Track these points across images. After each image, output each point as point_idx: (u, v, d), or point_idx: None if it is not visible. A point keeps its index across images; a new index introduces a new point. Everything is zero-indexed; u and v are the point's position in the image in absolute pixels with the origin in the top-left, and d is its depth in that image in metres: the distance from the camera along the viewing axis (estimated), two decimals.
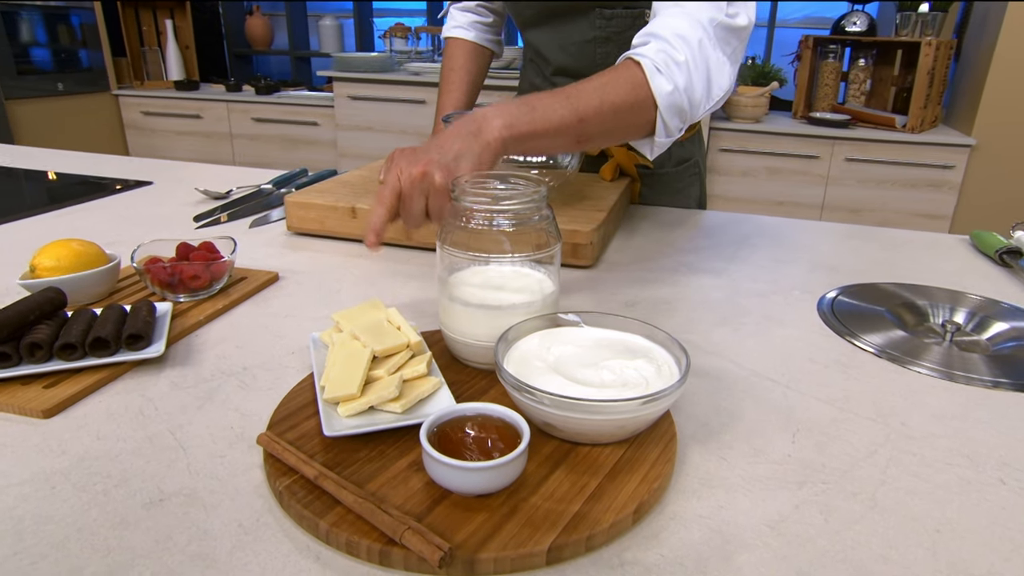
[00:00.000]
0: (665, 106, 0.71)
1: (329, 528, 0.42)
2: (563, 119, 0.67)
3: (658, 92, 0.71)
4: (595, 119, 0.69)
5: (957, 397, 0.61)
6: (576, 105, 0.68)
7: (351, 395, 0.50)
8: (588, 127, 0.69)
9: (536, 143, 0.68)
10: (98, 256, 0.75)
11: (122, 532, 0.43)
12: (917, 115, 2.37)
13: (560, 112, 0.67)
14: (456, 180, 0.58)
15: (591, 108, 0.68)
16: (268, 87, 3.48)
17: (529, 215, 0.56)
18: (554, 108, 0.67)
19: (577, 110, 0.68)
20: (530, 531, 0.41)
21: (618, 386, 0.49)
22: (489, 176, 0.61)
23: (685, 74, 0.71)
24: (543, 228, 0.57)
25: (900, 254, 0.98)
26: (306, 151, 3.30)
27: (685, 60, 0.71)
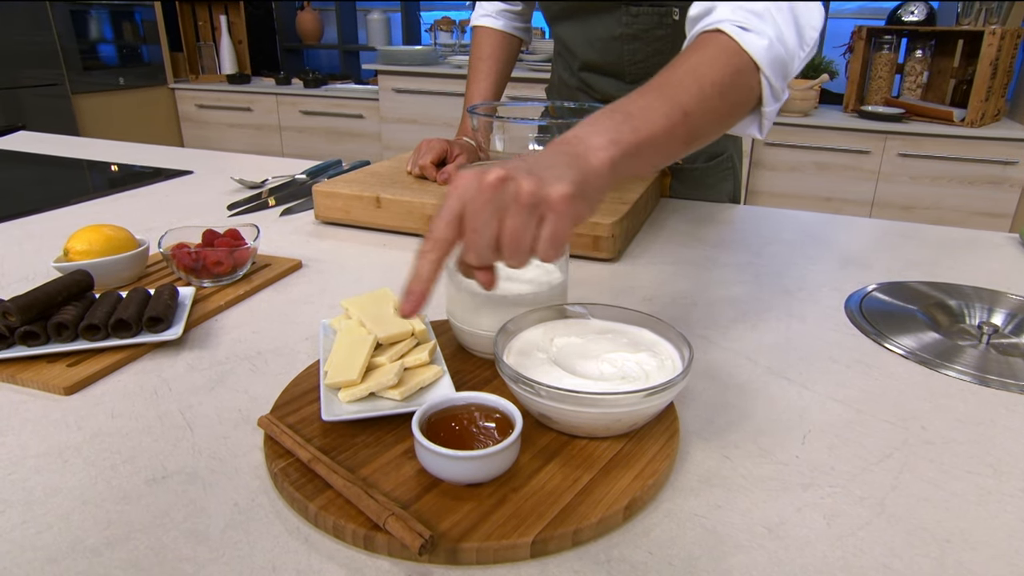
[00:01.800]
0: (767, 63, 0.59)
1: (318, 511, 0.42)
2: (667, 118, 0.53)
3: (755, 51, 0.58)
4: (700, 108, 0.56)
5: (987, 402, 0.58)
6: (675, 97, 0.55)
7: (352, 381, 0.51)
8: (695, 120, 0.55)
9: (646, 156, 0.53)
10: (128, 241, 0.77)
11: (123, 506, 0.44)
12: (977, 108, 2.25)
13: (661, 111, 0.53)
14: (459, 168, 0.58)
15: (692, 96, 0.55)
16: (316, 80, 3.54)
17: None
18: (652, 108, 0.53)
19: (679, 103, 0.55)
20: (516, 523, 0.41)
21: (617, 379, 0.48)
22: None
23: (771, 23, 0.60)
24: None
25: (940, 252, 0.94)
26: (351, 143, 3.36)
27: (766, 7, 0.60)
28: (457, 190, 0.44)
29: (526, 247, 0.44)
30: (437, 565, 0.40)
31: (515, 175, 0.43)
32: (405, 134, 3.14)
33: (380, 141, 3.24)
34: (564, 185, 0.44)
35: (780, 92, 0.62)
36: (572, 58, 1.14)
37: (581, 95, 1.17)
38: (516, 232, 0.43)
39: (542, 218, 0.44)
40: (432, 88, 3.01)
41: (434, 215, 0.44)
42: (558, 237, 0.44)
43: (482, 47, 1.20)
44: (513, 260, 0.44)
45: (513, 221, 0.43)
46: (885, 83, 2.55)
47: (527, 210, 0.43)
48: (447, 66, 3.07)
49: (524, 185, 0.43)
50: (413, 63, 3.03)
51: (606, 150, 0.48)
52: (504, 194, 0.43)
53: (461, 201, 0.43)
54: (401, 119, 3.13)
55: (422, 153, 1.06)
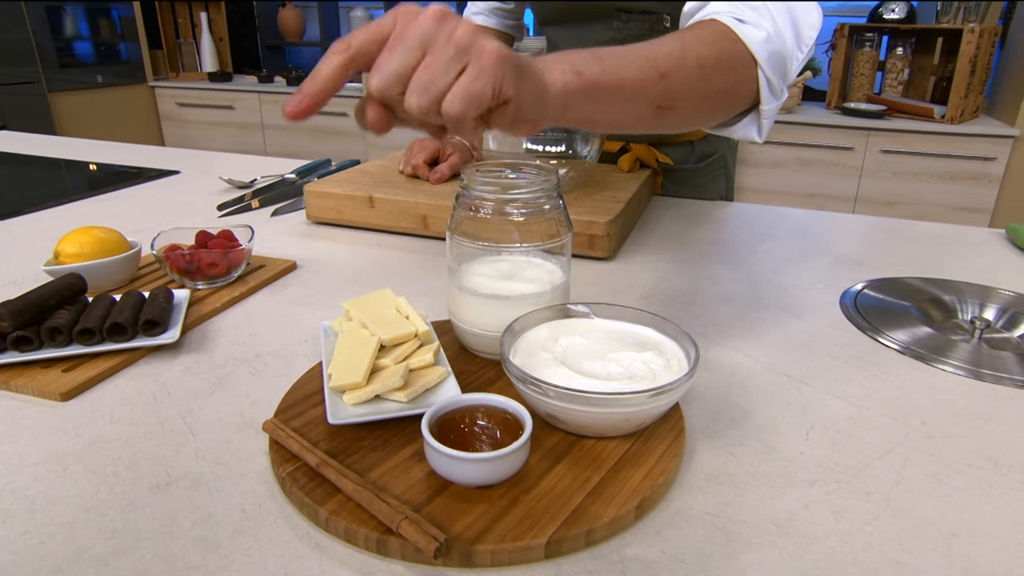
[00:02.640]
0: (765, 57, 0.55)
1: (328, 516, 0.42)
2: (640, 71, 0.50)
3: (753, 42, 0.55)
4: (678, 75, 0.51)
5: (984, 397, 0.59)
6: (654, 57, 0.51)
7: (357, 383, 0.50)
8: (670, 85, 0.51)
9: (606, 102, 0.49)
10: (120, 243, 0.76)
11: (128, 514, 0.44)
12: (957, 105, 2.29)
13: (635, 64, 0.50)
14: (465, 168, 0.58)
15: (672, 61, 0.51)
16: (299, 78, 3.51)
17: (540, 204, 0.56)
18: (628, 59, 0.50)
19: (656, 63, 0.51)
20: (529, 524, 0.41)
21: (624, 379, 0.49)
22: (500, 165, 0.60)
23: (769, 19, 0.57)
24: (554, 217, 0.57)
25: (930, 248, 0.95)
26: (336, 142, 3.33)
27: (763, 4, 0.58)
28: (395, 11, 0.40)
29: (436, 88, 0.39)
30: (451, 568, 0.40)
31: (459, 19, 0.40)
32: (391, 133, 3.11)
33: (365, 139, 3.21)
34: (501, 48, 0.40)
35: (779, 90, 0.59)
36: None
37: None
38: (431, 68, 0.39)
39: (464, 67, 0.39)
40: None
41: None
42: (472, 93, 0.39)
43: None
44: (416, 98, 0.39)
45: (434, 56, 0.39)
46: (867, 80, 2.58)
47: (454, 51, 0.39)
48: None
49: (462, 27, 0.39)
50: None
51: (563, 74, 0.46)
52: (439, 28, 0.39)
53: (394, 20, 0.40)
54: None
55: (414, 152, 1.05)
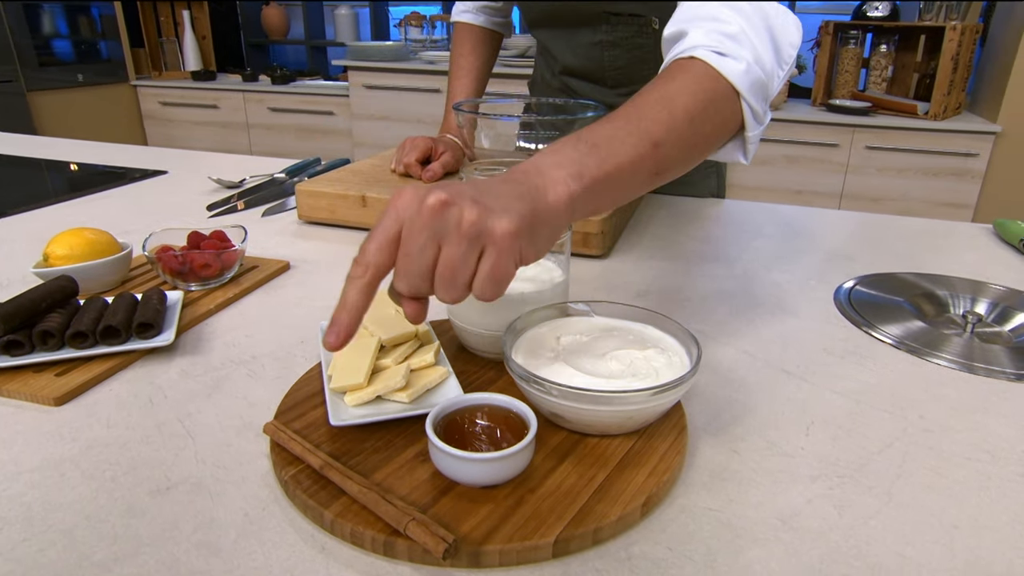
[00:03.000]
0: (747, 88, 0.56)
1: (334, 518, 0.41)
2: (636, 150, 0.50)
3: (734, 76, 0.55)
4: (671, 138, 0.52)
5: (978, 390, 0.60)
6: (644, 127, 0.51)
7: (358, 384, 0.50)
8: (665, 152, 0.52)
9: (609, 192, 0.49)
10: (110, 245, 0.75)
11: (129, 520, 0.43)
12: (940, 102, 2.32)
13: (629, 142, 0.50)
14: (465, 167, 0.58)
15: (662, 126, 0.51)
16: (284, 77, 3.48)
17: None
18: (620, 139, 0.50)
19: (648, 133, 0.51)
20: (536, 523, 0.41)
21: (627, 376, 0.49)
22: (497, 163, 0.60)
23: (748, 45, 0.57)
24: None
25: (919, 243, 0.96)
26: (322, 140, 3.31)
27: (741, 29, 0.57)
28: (395, 209, 0.40)
29: (462, 281, 0.40)
30: (459, 569, 0.40)
31: (459, 201, 0.39)
32: (377, 131, 3.11)
33: (351, 138, 3.20)
34: (510, 220, 0.40)
35: (762, 115, 0.59)
36: (553, 61, 1.14)
37: (563, 95, 1.17)
38: (453, 263, 0.39)
39: (483, 252, 0.40)
40: (403, 84, 2.98)
41: (368, 234, 0.41)
42: (497, 275, 0.40)
43: (463, 43, 1.19)
44: (446, 294, 0.40)
45: (451, 251, 0.39)
46: (852, 77, 2.60)
47: (468, 241, 0.39)
48: (418, 61, 3.04)
49: (467, 213, 0.39)
50: (383, 59, 3.00)
51: (566, 185, 0.45)
52: (445, 220, 0.39)
53: (398, 222, 0.40)
54: (372, 116, 3.09)
55: (406, 151, 1.05)
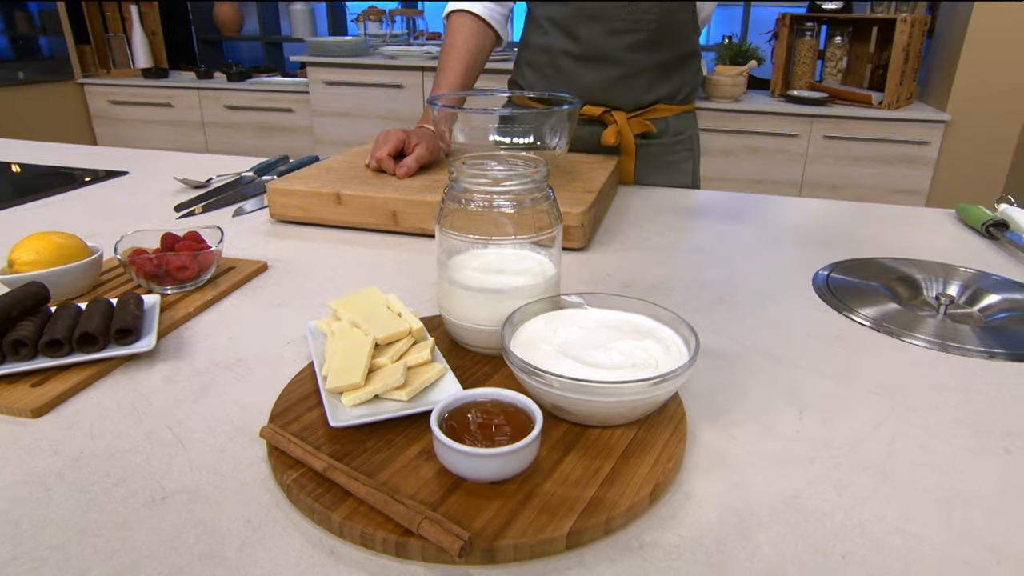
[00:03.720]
0: None
1: (342, 521, 0.41)
2: None
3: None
4: None
5: (956, 369, 0.62)
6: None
7: (355, 384, 0.49)
8: None
9: None
10: (79, 249, 0.72)
11: (125, 533, 0.42)
12: (893, 92, 2.39)
13: None
14: (454, 161, 0.57)
15: None
16: (240, 74, 3.40)
17: (531, 196, 0.55)
18: None
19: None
20: (548, 517, 0.41)
21: (628, 367, 0.49)
22: (488, 157, 0.59)
23: None
24: (544, 210, 0.56)
25: (887, 229, 0.99)
26: (281, 138, 3.24)
27: None
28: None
29: None
30: (474, 566, 0.39)
31: None
32: (338, 128, 3.06)
33: (312, 135, 3.14)
34: None
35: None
36: (567, 42, 1.13)
37: (556, 82, 1.16)
38: None
39: None
40: (364, 80, 2.94)
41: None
42: None
43: (456, 34, 1.15)
44: None
45: None
46: (808, 68, 2.66)
47: None
48: (379, 56, 3.00)
49: None
50: (343, 54, 2.95)
51: None
52: None
53: None
54: (333, 112, 3.04)
55: (379, 145, 1.03)
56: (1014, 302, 0.73)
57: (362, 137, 3.03)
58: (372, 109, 2.99)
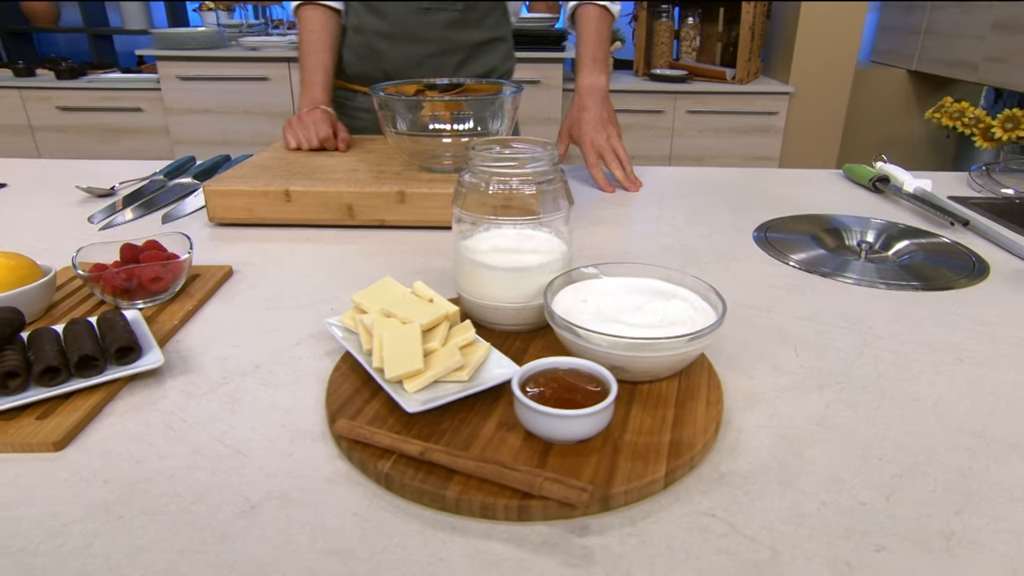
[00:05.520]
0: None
1: (458, 497, 0.42)
2: None
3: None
4: None
5: (897, 300, 0.73)
6: None
7: (418, 370, 0.50)
8: None
9: None
10: (31, 268, 0.65)
11: (231, 545, 0.40)
12: (743, 67, 2.63)
13: None
14: (469, 144, 0.59)
15: None
16: (72, 70, 3.06)
17: (545, 177, 0.58)
18: None
19: None
20: (642, 463, 0.45)
21: (668, 325, 0.54)
22: (500, 140, 0.61)
23: None
24: (558, 189, 0.60)
25: (795, 190, 1.11)
26: (131, 141, 2.97)
27: None
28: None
29: None
30: (591, 516, 0.43)
31: None
32: (198, 126, 2.85)
33: (168, 136, 2.90)
34: None
35: None
36: (375, 21, 1.17)
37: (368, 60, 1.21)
38: None
39: None
40: (225, 73, 2.75)
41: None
42: None
43: (313, 23, 1.16)
44: None
45: None
46: (667, 48, 2.85)
47: None
48: (239, 48, 2.82)
49: None
50: (198, 47, 2.75)
51: None
52: None
53: None
54: (191, 110, 2.83)
55: (312, 128, 1.06)
56: (920, 245, 0.86)
57: (226, 135, 2.86)
58: (236, 104, 2.81)
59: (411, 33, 1.16)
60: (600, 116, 1.12)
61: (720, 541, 0.41)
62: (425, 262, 0.81)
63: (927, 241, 0.86)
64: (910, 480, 0.46)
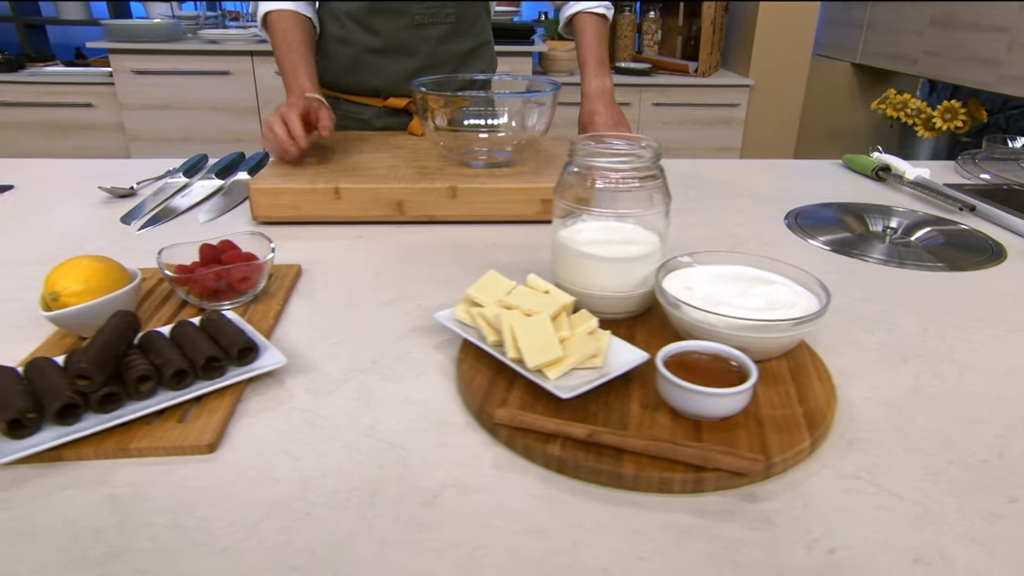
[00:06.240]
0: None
1: (636, 474, 0.45)
2: None
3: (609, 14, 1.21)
4: None
5: (934, 282, 0.79)
6: None
7: (559, 358, 0.52)
8: None
9: None
10: (121, 272, 0.64)
11: (432, 532, 0.42)
12: (705, 61, 2.72)
13: None
14: (575, 138, 0.61)
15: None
16: (10, 63, 2.88)
17: (648, 171, 0.61)
18: None
19: None
20: (788, 434, 0.49)
21: (777, 308, 0.58)
22: (594, 136, 0.64)
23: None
24: (659, 184, 0.62)
25: (803, 181, 1.18)
26: (82, 138, 2.82)
27: None
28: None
29: None
30: (755, 484, 0.46)
31: None
32: (156, 122, 2.74)
33: (123, 132, 2.77)
34: None
35: None
36: (367, 36, 1.15)
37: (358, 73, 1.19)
38: None
39: None
40: (184, 67, 2.65)
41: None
42: None
43: (285, 23, 1.09)
44: None
45: None
46: (630, 42, 2.92)
47: None
48: (198, 41, 2.72)
49: None
50: (155, 39, 2.64)
51: None
52: None
53: None
54: (148, 105, 2.71)
55: (289, 121, 0.95)
56: (940, 230, 0.93)
57: (188, 131, 2.76)
58: (197, 99, 2.72)
59: (403, 48, 1.15)
60: (612, 117, 1.16)
61: (875, 499, 0.45)
62: (487, 255, 0.83)
63: (946, 228, 0.94)
64: (1013, 440, 0.51)
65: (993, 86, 2.33)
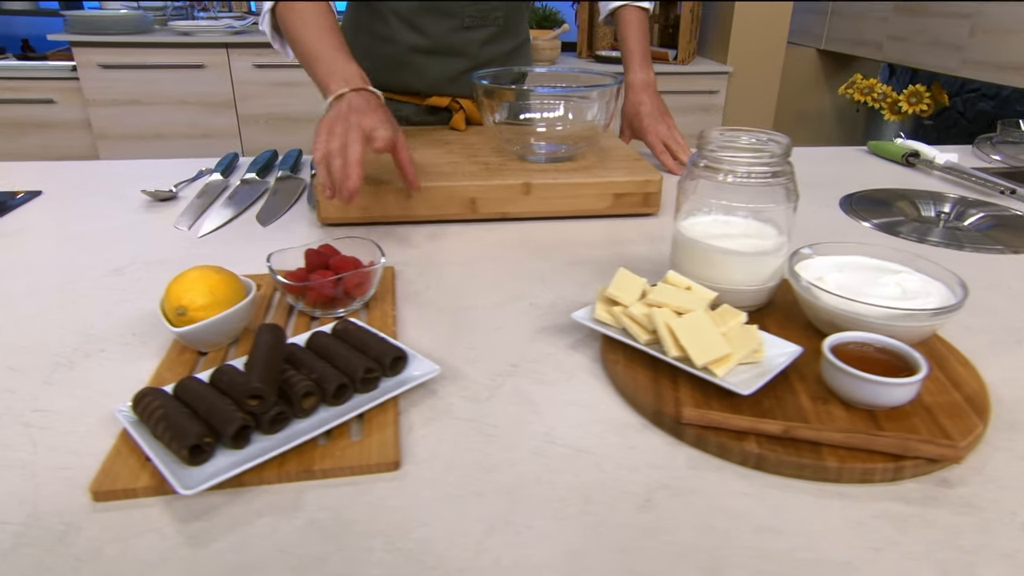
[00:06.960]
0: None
1: (840, 466, 0.46)
2: None
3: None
4: None
5: (1005, 264, 0.82)
6: None
7: (727, 355, 0.53)
8: None
9: None
10: (237, 282, 0.61)
11: (665, 537, 0.42)
12: (685, 48, 2.76)
13: None
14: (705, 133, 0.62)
15: None
16: None
17: (778, 166, 0.62)
18: None
19: None
20: (958, 419, 0.50)
21: (912, 297, 0.59)
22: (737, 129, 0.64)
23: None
24: (789, 179, 0.63)
25: (836, 167, 1.21)
26: (43, 136, 2.67)
27: None
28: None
29: None
30: (945, 469, 0.47)
31: None
32: (125, 118, 2.61)
33: (90, 130, 2.63)
34: None
35: None
36: (413, 36, 1.11)
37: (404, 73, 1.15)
38: None
39: None
40: (154, 60, 2.53)
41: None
42: None
43: (320, 20, 0.90)
44: None
45: None
46: (608, 30, 2.93)
47: None
48: (168, 33, 2.60)
49: None
50: (122, 31, 2.51)
51: None
52: None
53: None
54: (116, 101, 2.58)
55: (350, 160, 0.77)
56: (990, 216, 0.97)
57: (159, 127, 2.64)
58: (168, 94, 2.60)
59: (450, 49, 1.13)
60: (658, 108, 1.18)
61: None
62: (573, 252, 0.83)
63: (995, 212, 0.98)
64: None
65: (956, 70, 2.42)
